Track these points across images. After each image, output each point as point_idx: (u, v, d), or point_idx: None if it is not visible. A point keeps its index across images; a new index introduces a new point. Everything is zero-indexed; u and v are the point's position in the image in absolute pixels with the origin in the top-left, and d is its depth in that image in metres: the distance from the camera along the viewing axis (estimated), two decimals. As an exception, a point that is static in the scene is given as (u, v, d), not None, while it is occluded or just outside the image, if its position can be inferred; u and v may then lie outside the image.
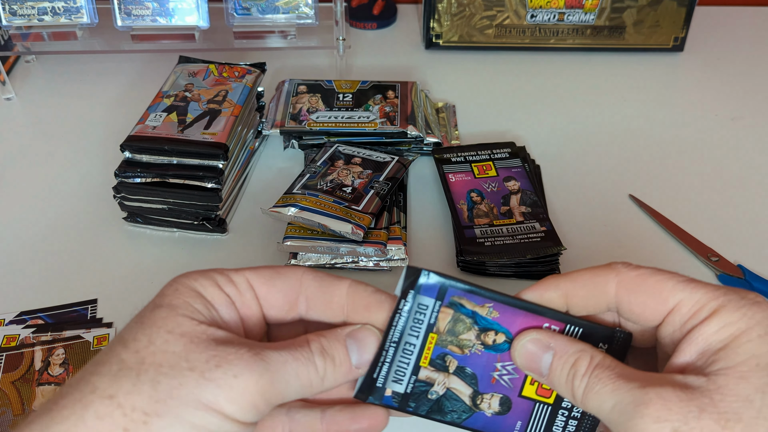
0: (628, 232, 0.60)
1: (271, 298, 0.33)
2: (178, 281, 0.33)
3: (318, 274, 0.34)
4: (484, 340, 0.34)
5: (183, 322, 0.30)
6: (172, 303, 0.31)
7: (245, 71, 0.65)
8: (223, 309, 0.32)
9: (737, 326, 0.28)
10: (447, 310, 0.33)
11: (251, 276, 0.33)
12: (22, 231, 0.60)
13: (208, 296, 0.32)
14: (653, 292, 0.31)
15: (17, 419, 0.46)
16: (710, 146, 0.70)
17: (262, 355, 0.30)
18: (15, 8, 0.70)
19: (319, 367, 0.31)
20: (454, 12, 0.80)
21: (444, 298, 0.33)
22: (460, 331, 0.34)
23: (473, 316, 0.34)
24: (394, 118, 0.65)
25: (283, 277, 0.34)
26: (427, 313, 0.33)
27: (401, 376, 0.34)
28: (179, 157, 0.56)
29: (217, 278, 0.33)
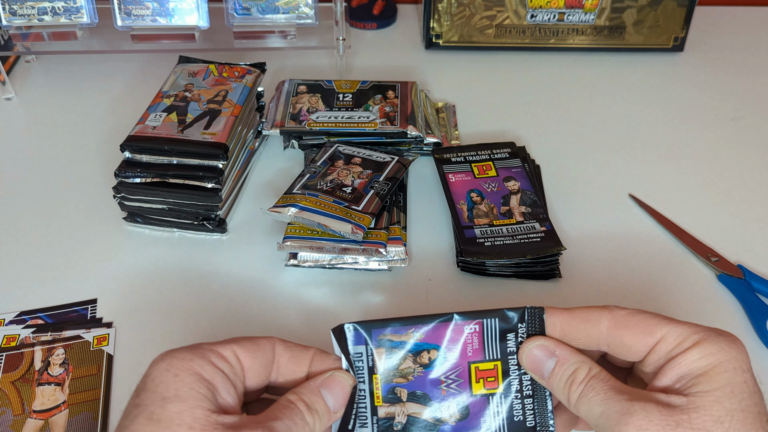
0: (628, 232, 0.60)
1: (254, 369, 0.36)
2: (172, 364, 0.33)
3: (287, 344, 0.38)
4: (420, 362, 0.37)
5: (199, 416, 0.31)
6: (180, 394, 0.32)
7: (245, 71, 0.65)
8: (221, 387, 0.34)
9: (716, 357, 0.33)
10: (379, 350, 0.37)
11: (237, 349, 0.36)
12: (23, 231, 0.60)
13: (208, 377, 0.33)
14: (642, 326, 0.36)
15: (17, 419, 0.46)
16: (710, 146, 0.70)
17: (274, 430, 0.32)
18: (15, 8, 0.70)
19: (309, 422, 0.35)
20: (454, 12, 0.80)
21: (371, 341, 0.37)
22: (397, 363, 0.37)
23: (402, 345, 0.37)
24: (394, 118, 0.65)
25: (262, 349, 0.37)
26: (364, 359, 0.37)
27: (364, 420, 0.37)
28: (179, 157, 0.56)
29: (210, 357, 0.34)
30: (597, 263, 0.57)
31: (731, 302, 0.54)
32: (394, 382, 0.37)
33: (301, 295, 0.55)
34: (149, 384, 0.33)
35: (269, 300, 0.54)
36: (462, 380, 0.37)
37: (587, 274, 0.56)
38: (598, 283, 0.56)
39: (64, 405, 0.47)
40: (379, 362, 0.37)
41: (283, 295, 0.55)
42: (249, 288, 0.55)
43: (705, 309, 0.54)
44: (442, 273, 0.56)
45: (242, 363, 0.36)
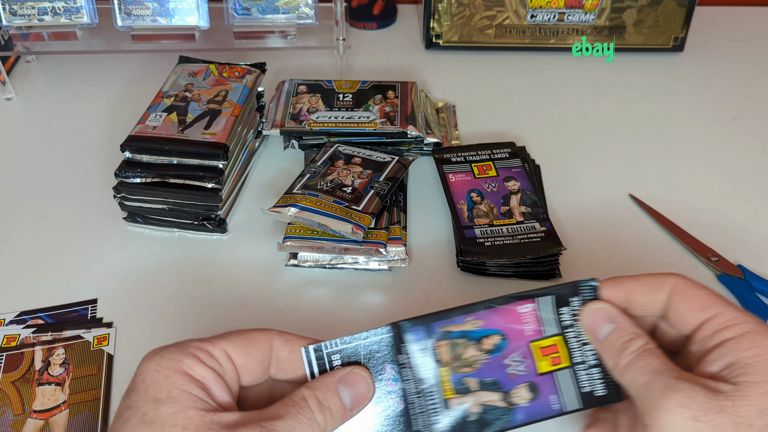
0: (628, 232, 0.60)
1: (248, 366, 0.35)
2: (162, 365, 0.33)
3: (286, 337, 0.36)
4: (484, 349, 0.37)
5: (192, 416, 0.31)
6: (173, 396, 0.31)
7: (245, 71, 0.65)
8: (213, 386, 0.33)
9: (767, 350, 0.33)
10: (441, 342, 0.37)
11: (227, 347, 0.35)
12: (23, 231, 0.60)
13: (199, 377, 0.33)
14: (700, 300, 0.36)
15: (17, 419, 0.46)
16: (710, 146, 0.70)
17: (274, 430, 0.31)
18: (15, 8, 0.70)
19: (320, 422, 0.34)
20: (454, 12, 0.80)
21: (432, 335, 0.37)
22: (461, 352, 0.37)
23: (464, 334, 0.37)
24: (394, 118, 0.65)
25: (256, 344, 0.35)
26: (428, 353, 0.37)
27: (436, 416, 0.36)
28: (179, 157, 0.56)
29: (199, 355, 0.33)
30: (597, 263, 0.57)
31: (731, 302, 0.54)
32: (461, 373, 0.37)
33: (301, 295, 0.55)
34: (140, 385, 0.32)
35: (269, 300, 0.54)
36: (527, 361, 0.37)
37: (587, 274, 0.56)
38: (598, 283, 0.56)
39: (65, 405, 0.47)
40: (444, 355, 0.37)
41: (283, 295, 0.55)
42: (249, 288, 0.55)
43: (705, 309, 0.54)
44: (442, 273, 0.56)
45: (234, 361, 0.35)
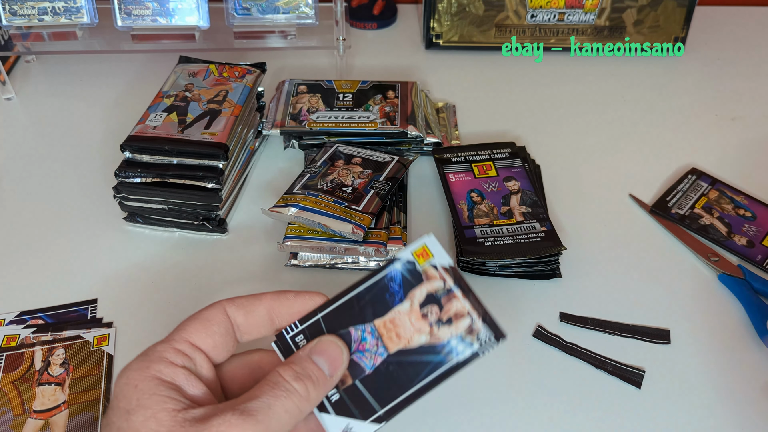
0: (628, 232, 0.60)
1: (216, 345, 0.36)
2: (130, 377, 0.33)
3: (238, 303, 0.37)
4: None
5: (163, 419, 0.31)
6: (143, 403, 0.31)
7: (245, 71, 0.65)
8: (185, 383, 0.33)
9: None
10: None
11: (191, 336, 0.35)
12: (23, 231, 0.60)
13: (168, 378, 0.33)
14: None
15: (17, 419, 0.46)
16: (710, 146, 0.70)
17: (248, 411, 0.31)
18: (15, 8, 0.70)
19: (300, 390, 0.33)
20: (454, 12, 0.80)
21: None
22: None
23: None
24: (394, 118, 0.65)
25: (214, 321, 0.36)
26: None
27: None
28: (179, 157, 0.56)
29: (166, 356, 0.33)
30: (597, 263, 0.57)
31: (731, 302, 0.54)
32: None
33: (301, 295, 0.55)
34: (113, 402, 0.32)
35: (269, 300, 0.54)
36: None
37: (587, 274, 0.56)
38: (598, 283, 0.56)
39: (65, 405, 0.47)
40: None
41: (284, 295, 0.55)
42: (249, 288, 0.55)
43: (705, 309, 0.54)
44: (443, 273, 0.56)
45: (201, 347, 0.35)
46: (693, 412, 0.47)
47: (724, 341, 0.52)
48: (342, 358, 0.36)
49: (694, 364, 0.50)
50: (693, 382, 0.49)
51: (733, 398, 0.48)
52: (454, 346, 0.36)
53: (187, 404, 0.32)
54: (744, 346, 0.51)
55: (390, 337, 0.37)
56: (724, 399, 0.48)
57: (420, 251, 0.37)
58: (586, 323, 0.52)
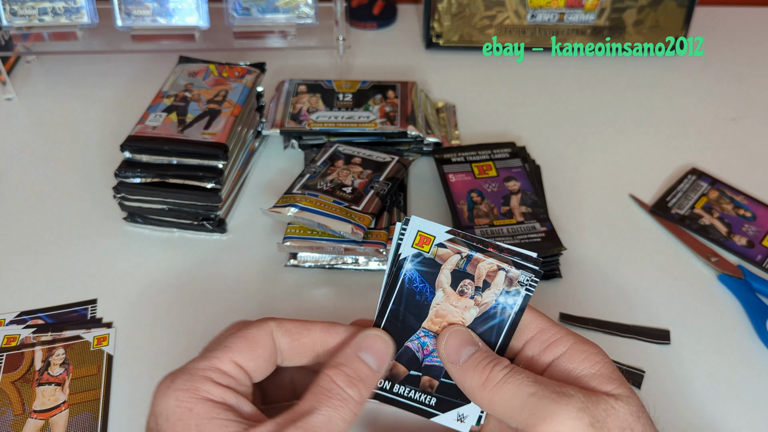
0: (628, 232, 0.60)
1: (258, 368, 0.35)
2: (180, 398, 0.32)
3: (285, 326, 0.36)
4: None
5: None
6: (203, 428, 0.31)
7: (245, 71, 0.65)
8: (235, 403, 0.33)
9: (598, 357, 0.36)
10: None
11: (236, 357, 0.34)
12: (23, 231, 0.60)
13: (220, 399, 0.32)
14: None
15: (18, 419, 0.46)
16: (710, 146, 0.70)
17: (312, 428, 0.31)
18: (15, 9, 0.70)
19: (354, 395, 0.33)
20: (454, 12, 0.80)
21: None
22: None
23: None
24: (394, 118, 0.65)
25: (260, 344, 0.35)
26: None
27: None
28: (179, 157, 0.56)
29: (213, 376, 0.33)
30: (597, 263, 0.57)
31: (731, 302, 0.54)
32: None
33: (301, 295, 0.55)
34: (164, 425, 0.31)
35: (269, 300, 0.54)
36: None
37: (587, 274, 0.56)
38: (598, 283, 0.56)
39: (65, 405, 0.47)
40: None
41: (283, 295, 0.55)
42: (249, 288, 0.55)
43: (705, 309, 0.54)
44: (442, 273, 0.56)
45: (245, 369, 0.34)
46: (693, 412, 0.47)
47: (724, 341, 0.52)
48: (388, 351, 0.36)
49: (694, 364, 0.50)
50: (693, 382, 0.49)
51: (733, 398, 0.48)
52: (504, 302, 0.36)
53: (247, 424, 0.31)
54: (744, 346, 0.51)
55: (445, 327, 0.37)
56: (724, 399, 0.48)
57: (418, 240, 0.37)
58: (586, 323, 0.52)
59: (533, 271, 0.36)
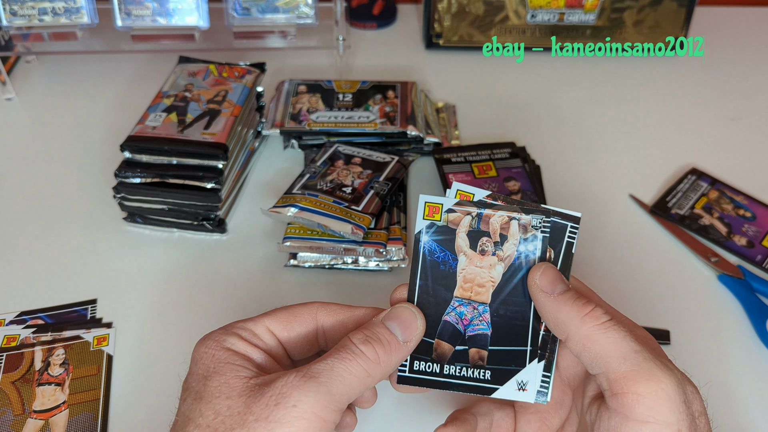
0: (629, 232, 0.60)
1: (292, 341, 0.36)
2: (208, 345, 0.34)
3: (330, 307, 0.37)
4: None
5: (236, 385, 0.32)
6: (218, 370, 0.33)
7: (245, 71, 0.65)
8: (258, 357, 0.35)
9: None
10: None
11: (270, 323, 0.36)
12: (23, 231, 0.60)
13: (242, 351, 0.34)
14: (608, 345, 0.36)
15: (18, 419, 0.46)
16: (710, 146, 0.70)
17: (310, 372, 0.32)
18: (15, 9, 0.70)
19: (369, 353, 0.33)
20: (454, 12, 0.80)
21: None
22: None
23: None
24: (394, 118, 0.65)
25: (299, 318, 0.37)
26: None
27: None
28: (179, 157, 0.56)
29: (241, 333, 0.35)
30: (597, 263, 0.57)
31: (731, 302, 0.54)
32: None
33: (301, 295, 0.55)
34: (193, 368, 0.34)
35: (269, 300, 0.54)
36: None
37: (587, 274, 0.56)
38: (598, 283, 0.56)
39: (64, 405, 0.47)
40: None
41: (283, 296, 0.55)
42: (249, 288, 0.55)
43: (705, 309, 0.54)
44: (442, 273, 0.56)
45: (278, 336, 0.36)
46: (693, 412, 0.47)
47: (724, 341, 0.52)
48: (416, 323, 0.35)
49: (694, 364, 0.50)
50: (693, 382, 0.49)
51: (733, 398, 0.48)
52: (525, 250, 0.36)
53: (258, 372, 0.33)
54: (744, 347, 0.51)
55: (477, 291, 0.36)
56: (724, 399, 0.48)
57: (428, 211, 0.37)
58: (585, 323, 0.52)
59: (542, 212, 0.36)
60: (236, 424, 0.30)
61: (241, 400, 0.31)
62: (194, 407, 0.32)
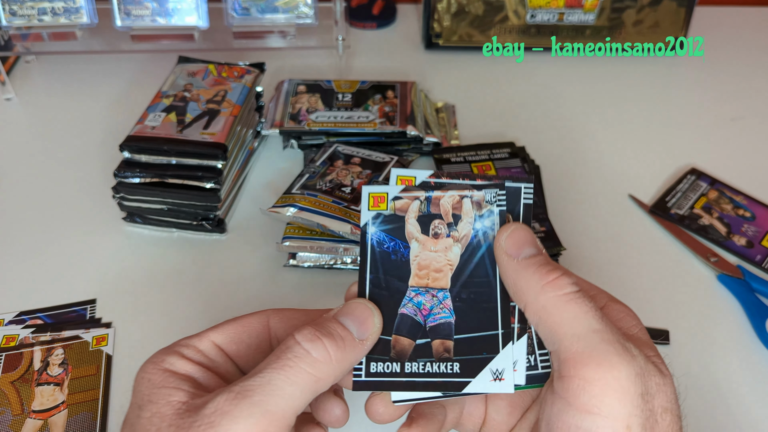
0: (628, 232, 0.60)
1: (243, 355, 0.33)
2: (146, 369, 0.30)
3: (283, 314, 0.34)
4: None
5: (166, 414, 0.28)
6: (153, 398, 0.29)
7: (244, 71, 0.65)
8: (200, 376, 0.30)
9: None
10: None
11: (216, 337, 0.32)
12: (22, 231, 0.60)
13: (181, 371, 0.30)
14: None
15: (16, 419, 0.46)
16: (710, 146, 0.69)
17: (243, 391, 0.27)
18: (15, 9, 0.70)
19: (318, 353, 0.29)
20: (453, 12, 0.80)
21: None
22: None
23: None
24: (393, 118, 0.65)
25: (249, 329, 0.33)
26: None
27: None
28: (178, 157, 0.56)
29: (183, 351, 0.31)
30: (597, 263, 0.57)
31: (731, 302, 0.54)
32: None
33: (300, 295, 0.55)
34: (132, 398, 0.30)
35: (268, 300, 0.54)
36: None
37: (587, 274, 0.56)
38: (598, 283, 0.55)
39: (64, 405, 0.47)
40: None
41: (282, 296, 0.55)
42: (248, 288, 0.55)
43: (704, 309, 0.54)
44: (442, 273, 0.56)
45: (226, 351, 0.32)
46: (692, 413, 0.47)
47: (723, 341, 0.52)
48: (372, 319, 0.32)
49: (693, 365, 0.50)
50: (692, 382, 0.49)
51: (733, 398, 0.48)
52: (482, 227, 0.33)
53: (196, 393, 0.29)
54: (743, 347, 0.51)
55: (434, 278, 0.33)
56: (723, 399, 0.48)
57: (372, 202, 0.34)
58: (585, 323, 0.52)
59: (495, 185, 0.33)
60: None
61: (170, 430, 0.27)
62: None
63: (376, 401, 0.33)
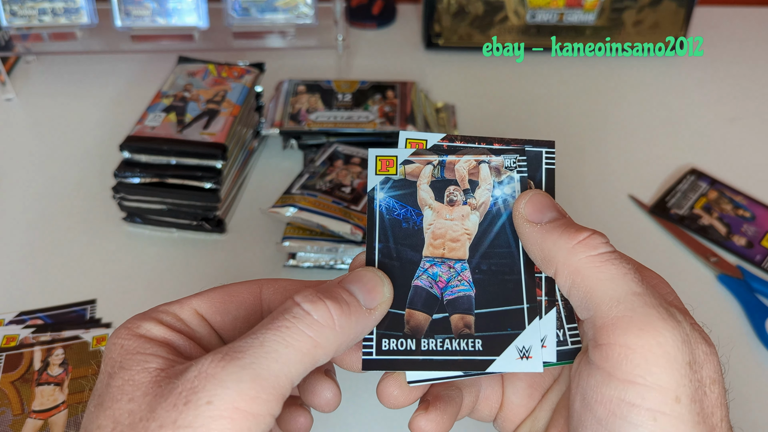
0: (628, 232, 0.60)
1: (229, 327, 0.29)
2: (119, 335, 0.27)
3: (280, 284, 0.30)
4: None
5: (141, 381, 0.24)
6: (125, 364, 0.25)
7: (244, 71, 0.65)
8: (180, 342, 0.27)
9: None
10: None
11: (200, 305, 0.28)
12: (22, 231, 0.60)
13: (160, 337, 0.27)
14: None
15: (17, 419, 0.46)
16: (709, 146, 0.69)
17: (232, 352, 0.24)
18: (15, 9, 0.70)
19: (320, 315, 0.25)
20: (453, 12, 0.80)
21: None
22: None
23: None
24: (393, 118, 0.65)
25: (237, 299, 0.29)
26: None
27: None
28: (178, 157, 0.56)
29: (162, 317, 0.27)
30: (596, 263, 0.57)
31: (731, 302, 0.54)
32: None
33: (300, 295, 0.55)
34: (101, 365, 0.27)
35: (268, 300, 0.54)
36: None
37: (586, 274, 0.56)
38: (597, 284, 0.55)
39: (64, 405, 0.47)
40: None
41: (282, 296, 0.55)
42: (248, 288, 0.55)
43: (705, 309, 0.54)
44: (441, 273, 0.56)
45: (210, 322, 0.28)
46: (692, 412, 0.47)
47: (723, 342, 0.51)
48: (382, 288, 0.28)
49: (693, 365, 0.50)
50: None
51: (733, 398, 0.48)
52: (501, 194, 0.31)
53: (175, 361, 0.25)
54: (743, 347, 0.51)
55: (451, 248, 0.30)
56: (722, 399, 0.48)
57: (380, 165, 0.31)
58: (584, 323, 0.52)
59: (515, 151, 0.31)
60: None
61: (146, 400, 0.24)
62: (93, 417, 0.25)
63: (390, 382, 0.29)
